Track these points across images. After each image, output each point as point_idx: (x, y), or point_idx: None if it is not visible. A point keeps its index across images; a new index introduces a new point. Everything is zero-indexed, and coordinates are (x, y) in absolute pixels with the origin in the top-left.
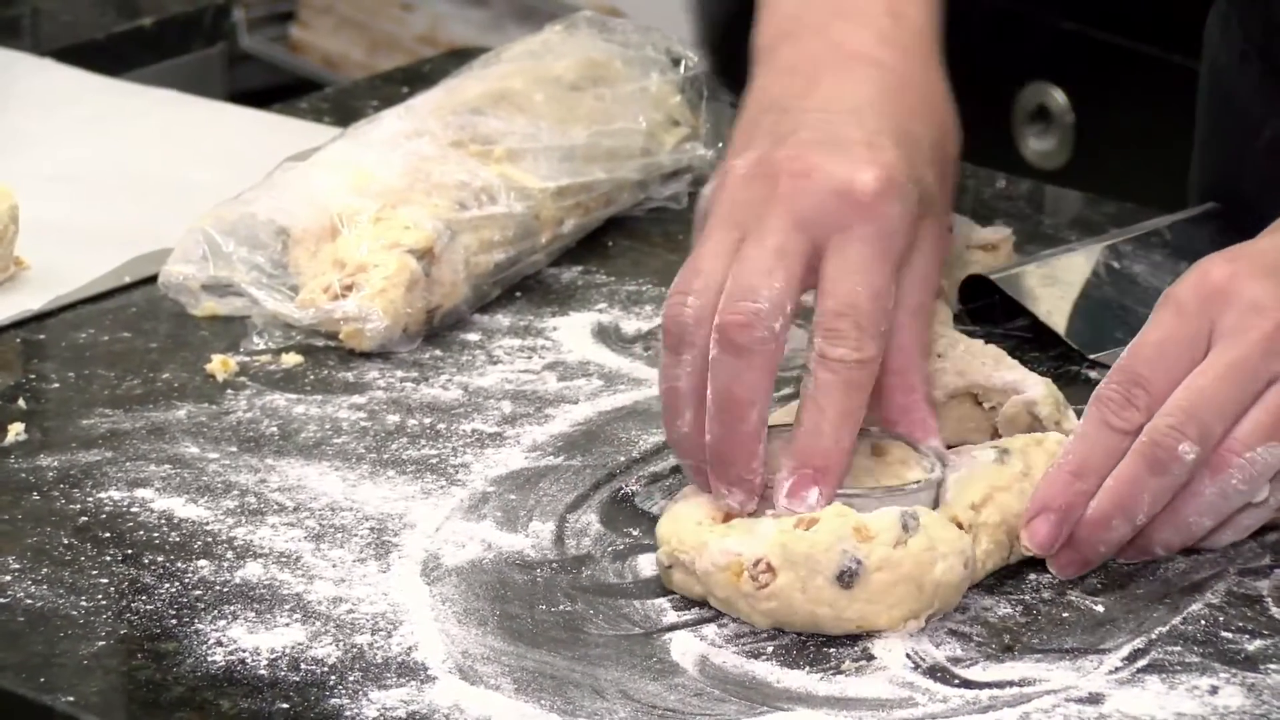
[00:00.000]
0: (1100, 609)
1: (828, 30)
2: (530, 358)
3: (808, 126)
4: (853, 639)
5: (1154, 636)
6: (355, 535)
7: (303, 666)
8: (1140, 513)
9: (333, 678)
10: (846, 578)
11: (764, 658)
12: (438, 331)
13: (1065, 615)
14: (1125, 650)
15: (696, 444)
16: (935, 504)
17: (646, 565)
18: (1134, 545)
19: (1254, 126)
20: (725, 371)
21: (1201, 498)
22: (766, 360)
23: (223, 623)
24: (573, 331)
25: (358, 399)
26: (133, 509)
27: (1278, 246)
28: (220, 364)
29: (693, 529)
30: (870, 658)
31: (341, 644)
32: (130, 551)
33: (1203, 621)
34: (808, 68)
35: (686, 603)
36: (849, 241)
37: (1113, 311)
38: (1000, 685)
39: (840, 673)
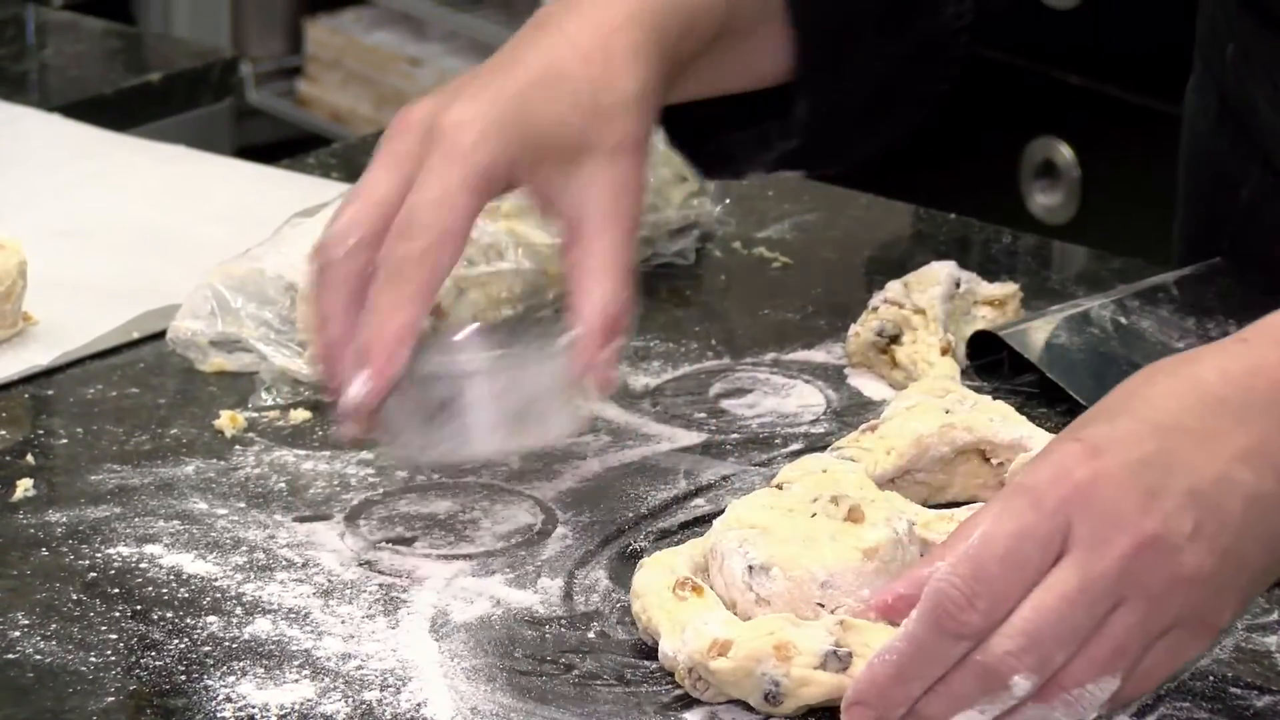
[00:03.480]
0: None
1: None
2: None
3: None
4: None
5: (1162, 692)
6: (364, 591)
7: None
8: None
9: None
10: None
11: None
12: None
13: None
14: (1133, 706)
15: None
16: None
17: None
18: None
19: (1232, 188)
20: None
21: (1018, 716)
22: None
23: (231, 679)
24: None
25: (366, 455)
26: (141, 565)
27: (1141, 433)
28: (229, 420)
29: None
30: None
31: (350, 700)
32: (139, 607)
33: (1211, 678)
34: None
35: None
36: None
37: (1119, 367)
38: None
39: None
